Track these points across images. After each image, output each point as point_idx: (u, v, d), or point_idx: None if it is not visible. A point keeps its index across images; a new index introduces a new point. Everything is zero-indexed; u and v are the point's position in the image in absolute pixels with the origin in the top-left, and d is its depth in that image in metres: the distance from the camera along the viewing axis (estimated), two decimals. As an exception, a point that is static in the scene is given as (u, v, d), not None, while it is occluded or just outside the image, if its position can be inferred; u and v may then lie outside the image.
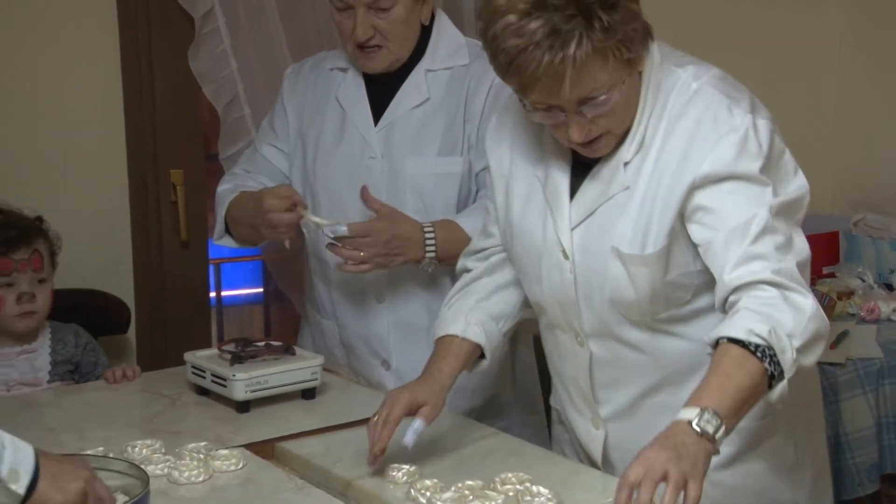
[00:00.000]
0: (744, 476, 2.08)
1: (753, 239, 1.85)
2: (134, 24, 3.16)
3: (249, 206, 2.54)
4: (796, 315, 1.80)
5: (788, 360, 1.76)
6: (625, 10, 1.82)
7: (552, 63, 1.78)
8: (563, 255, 2.04)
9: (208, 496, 1.96)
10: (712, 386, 1.74)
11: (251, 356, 2.40)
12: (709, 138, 1.90)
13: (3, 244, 2.60)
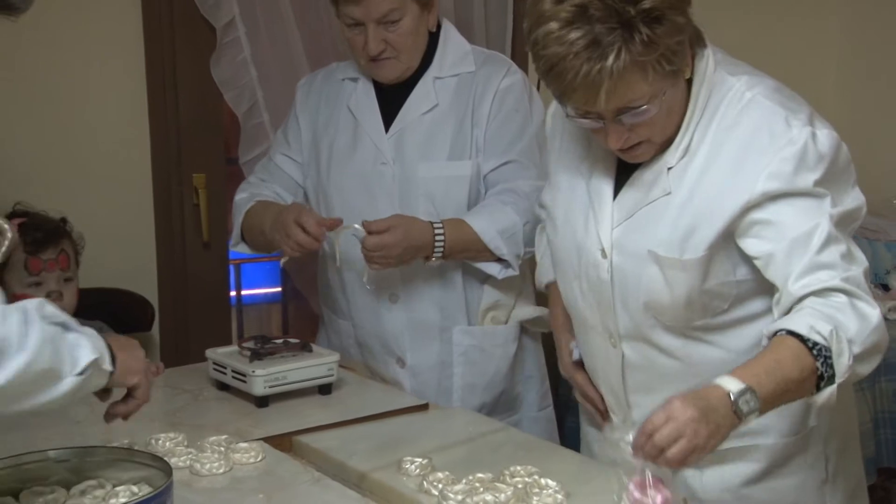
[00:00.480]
0: (773, 492, 2.02)
1: (818, 249, 1.77)
2: (159, 33, 3.17)
3: (267, 220, 2.55)
4: (861, 323, 1.73)
5: (844, 365, 1.70)
6: (669, 24, 1.74)
7: (589, 73, 1.73)
8: (601, 254, 1.98)
9: (229, 487, 1.96)
10: (761, 367, 1.68)
11: (270, 353, 2.40)
12: (766, 152, 1.82)
13: (31, 245, 2.61)
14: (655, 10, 1.72)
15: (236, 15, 3.16)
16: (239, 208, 2.68)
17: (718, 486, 2.02)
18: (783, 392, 1.68)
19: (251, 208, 2.64)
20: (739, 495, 2.00)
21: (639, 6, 1.71)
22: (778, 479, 2.01)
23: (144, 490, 1.77)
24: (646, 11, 1.71)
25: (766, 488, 2.01)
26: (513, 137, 2.59)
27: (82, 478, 1.84)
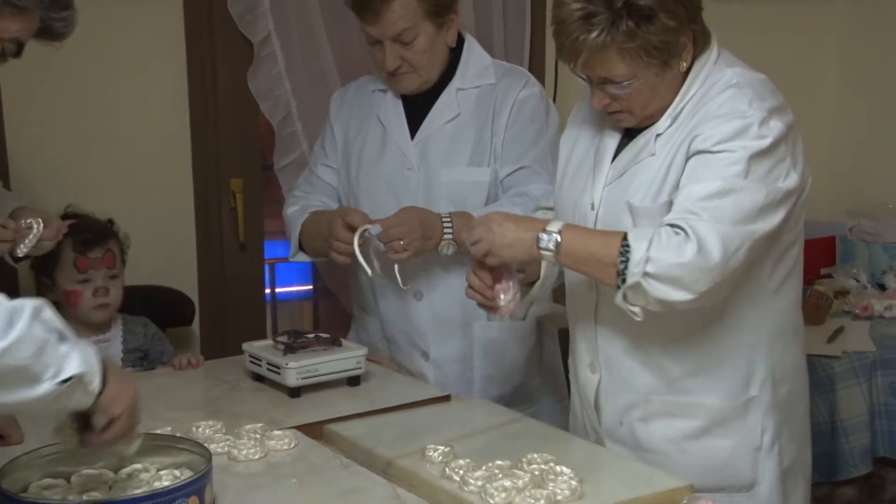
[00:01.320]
0: (709, 450, 2.12)
1: (702, 198, 1.90)
2: (200, 48, 3.18)
3: (324, 226, 2.56)
4: (669, 256, 1.86)
5: (634, 271, 1.87)
6: (658, 24, 1.91)
7: (576, 41, 1.93)
8: (590, 207, 2.12)
9: (264, 472, 1.97)
10: (584, 234, 1.98)
11: (302, 347, 2.41)
12: (721, 117, 1.96)
13: (79, 245, 2.62)
14: (646, 8, 1.90)
15: (272, 31, 3.16)
16: (294, 221, 2.68)
17: (662, 438, 2.13)
18: (584, 259, 1.95)
19: (307, 219, 2.64)
20: (680, 448, 2.12)
21: (630, 1, 1.89)
22: (715, 439, 2.12)
23: (186, 474, 1.78)
24: (635, 7, 1.89)
25: (703, 445, 2.12)
26: (528, 145, 2.59)
27: (128, 462, 1.85)
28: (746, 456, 2.13)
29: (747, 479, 2.13)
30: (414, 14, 2.46)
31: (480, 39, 2.82)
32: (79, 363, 1.53)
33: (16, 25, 1.74)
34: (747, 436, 2.12)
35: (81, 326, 2.65)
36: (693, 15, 1.97)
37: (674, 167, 2.01)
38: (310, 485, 1.90)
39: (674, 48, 1.96)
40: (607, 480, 1.91)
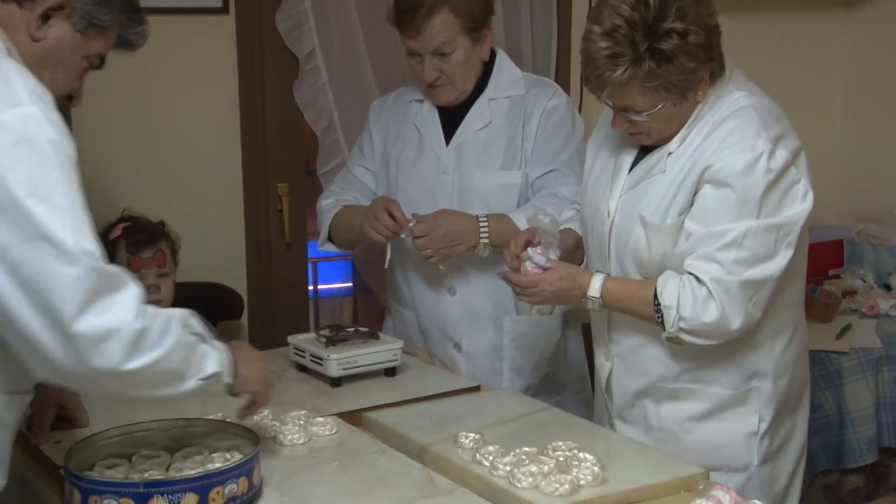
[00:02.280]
0: (710, 431, 2.16)
1: (720, 248, 1.97)
2: (250, 62, 3.18)
3: (356, 219, 2.57)
4: (696, 315, 1.98)
5: (669, 328, 2.01)
6: (677, 65, 1.93)
7: (601, 76, 1.95)
8: (606, 214, 2.14)
9: (307, 456, 1.98)
10: (622, 293, 2.08)
11: (343, 340, 2.41)
12: (730, 147, 1.97)
13: (132, 245, 2.63)
14: (668, 52, 1.91)
15: (316, 46, 3.17)
16: (326, 212, 2.70)
17: (670, 419, 2.18)
18: (627, 312, 2.09)
19: (339, 211, 2.66)
20: (684, 428, 2.17)
21: (654, 44, 1.90)
22: (716, 422, 2.16)
23: (236, 457, 1.79)
24: (657, 50, 1.90)
25: (705, 426, 2.16)
26: (556, 150, 2.59)
27: (183, 445, 1.87)
28: (743, 440, 2.16)
29: (743, 460, 2.17)
30: (452, 30, 2.47)
31: (510, 52, 2.82)
32: (216, 362, 1.68)
33: (99, 44, 1.78)
34: (745, 422, 2.16)
35: (137, 322, 2.67)
36: (711, 54, 1.98)
37: (683, 189, 2.03)
38: (350, 468, 1.91)
39: (691, 83, 1.98)
40: (627, 467, 1.91)
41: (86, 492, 1.67)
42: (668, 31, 1.90)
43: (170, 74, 3.08)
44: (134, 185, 3.05)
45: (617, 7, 1.92)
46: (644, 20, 1.90)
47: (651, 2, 1.91)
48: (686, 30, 1.91)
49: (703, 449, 2.11)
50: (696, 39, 1.92)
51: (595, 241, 2.20)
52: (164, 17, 2.99)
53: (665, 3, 1.91)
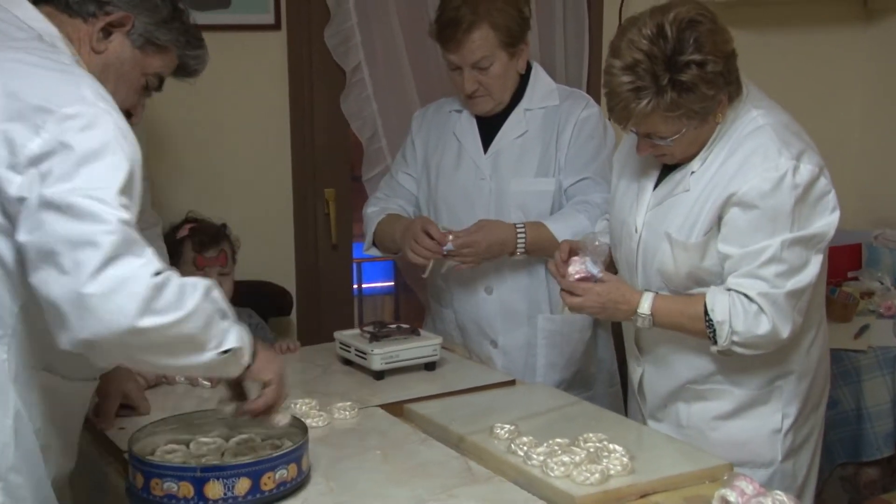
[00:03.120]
0: (735, 428, 2.14)
1: (760, 264, 1.94)
2: (300, 75, 3.20)
3: (398, 229, 2.58)
4: (750, 327, 1.96)
5: (722, 343, 1.99)
6: (698, 94, 1.90)
7: (625, 109, 1.92)
8: (634, 229, 2.12)
9: (352, 444, 1.98)
10: (671, 309, 2.04)
11: (385, 335, 2.41)
12: (754, 168, 1.94)
13: (198, 245, 2.66)
14: (688, 82, 1.88)
15: (362, 60, 3.17)
16: (371, 220, 2.70)
17: (698, 417, 2.16)
18: (678, 328, 2.05)
19: (383, 219, 2.66)
20: (710, 426, 2.16)
21: (675, 76, 1.87)
22: (741, 420, 2.14)
23: (286, 444, 1.80)
24: (678, 82, 1.88)
25: (731, 424, 2.15)
26: (588, 159, 2.58)
27: (237, 432, 1.88)
28: (767, 437, 2.14)
29: (767, 456, 2.15)
30: (491, 44, 2.47)
31: (544, 65, 2.81)
32: (236, 338, 1.59)
33: (157, 62, 1.80)
34: (769, 419, 2.14)
35: (196, 316, 2.69)
36: (729, 78, 1.96)
37: (707, 209, 2.00)
38: (392, 456, 1.91)
39: (712, 108, 1.96)
40: (655, 458, 1.90)
41: (148, 475, 1.68)
42: (687, 62, 1.88)
43: (227, 86, 3.10)
44: (195, 189, 3.08)
45: (636, 42, 1.88)
46: (663, 53, 1.88)
47: (669, 35, 1.88)
48: (704, 60, 1.88)
49: (728, 445, 2.09)
50: (715, 68, 1.89)
51: (623, 255, 2.19)
52: (222, 33, 3.04)
53: (682, 35, 1.88)
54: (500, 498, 1.70)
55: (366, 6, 3.16)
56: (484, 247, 2.48)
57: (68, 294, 1.42)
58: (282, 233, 3.26)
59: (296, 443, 1.76)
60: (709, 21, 1.91)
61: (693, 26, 1.89)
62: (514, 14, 2.50)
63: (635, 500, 1.77)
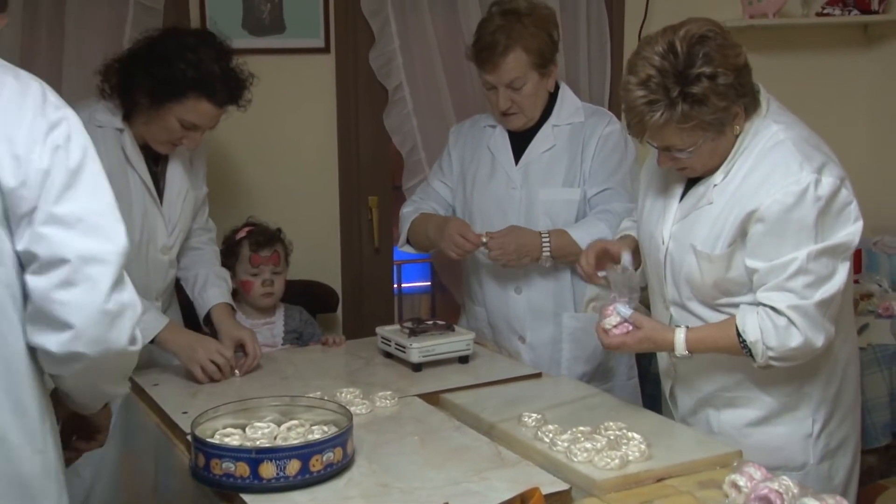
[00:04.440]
0: (767, 435, 2.04)
1: (788, 277, 1.85)
2: (346, 93, 3.21)
3: (431, 227, 2.57)
4: (783, 341, 1.87)
5: (759, 359, 1.90)
6: (710, 106, 1.82)
7: (640, 122, 1.86)
8: (661, 241, 2.04)
9: (392, 430, 1.98)
10: (706, 337, 1.95)
11: (423, 331, 2.41)
12: (777, 183, 1.85)
13: (254, 245, 2.68)
14: (699, 94, 1.80)
15: (403, 80, 3.18)
16: (406, 218, 2.70)
17: (729, 425, 2.06)
18: (711, 350, 1.96)
19: (417, 218, 2.66)
20: (743, 433, 2.05)
21: (685, 89, 1.80)
22: (772, 426, 2.04)
23: (332, 430, 1.80)
24: (689, 94, 1.80)
25: (762, 431, 2.04)
26: (611, 171, 2.56)
27: (288, 418, 1.88)
28: (799, 441, 2.04)
29: (799, 460, 2.04)
30: (524, 66, 2.46)
31: (570, 84, 2.80)
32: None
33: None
34: (800, 425, 2.04)
35: (253, 310, 2.71)
36: (742, 91, 1.86)
37: (730, 222, 1.90)
38: (428, 442, 1.91)
39: (726, 120, 1.86)
40: (670, 445, 1.88)
41: (209, 455, 1.69)
42: (697, 75, 1.79)
43: (281, 104, 3.12)
44: (253, 198, 3.10)
45: (649, 58, 1.82)
46: (674, 68, 1.80)
47: (679, 50, 1.80)
48: (714, 73, 1.80)
49: (761, 451, 1.97)
50: (726, 80, 1.81)
51: (652, 266, 2.09)
52: (277, 56, 3.07)
53: (692, 50, 1.80)
54: (527, 481, 1.68)
55: (407, 31, 3.17)
56: (513, 248, 2.47)
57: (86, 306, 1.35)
58: (329, 237, 3.27)
59: (341, 428, 1.76)
60: (719, 36, 1.84)
61: (703, 41, 1.82)
62: (545, 38, 2.49)
63: (652, 483, 1.75)
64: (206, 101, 2.22)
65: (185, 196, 2.43)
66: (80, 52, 2.78)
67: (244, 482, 1.67)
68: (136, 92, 2.23)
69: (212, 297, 2.44)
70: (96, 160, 1.42)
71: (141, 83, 2.22)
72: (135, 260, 2.35)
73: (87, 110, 2.27)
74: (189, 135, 2.27)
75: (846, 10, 3.65)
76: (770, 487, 1.60)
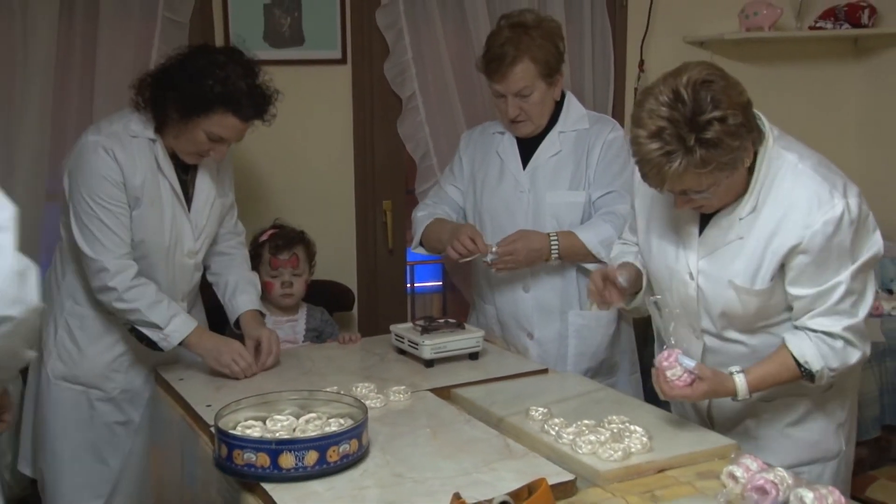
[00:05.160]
0: (807, 430, 2.03)
1: (836, 301, 1.83)
2: (362, 103, 3.20)
3: (444, 231, 2.57)
4: (842, 360, 1.86)
5: (823, 383, 1.88)
6: (724, 147, 1.73)
7: (659, 172, 1.76)
8: (689, 277, 1.96)
9: (405, 423, 1.97)
10: (766, 374, 1.87)
11: (435, 329, 2.41)
12: (815, 214, 1.80)
13: (273, 248, 2.68)
14: (714, 139, 1.72)
15: (416, 90, 3.17)
16: (420, 222, 2.69)
17: (768, 427, 2.04)
18: (771, 385, 1.89)
19: (431, 223, 2.65)
20: (783, 433, 2.03)
21: (700, 135, 1.71)
22: (812, 421, 2.03)
23: (348, 422, 1.79)
24: (704, 140, 1.72)
25: (801, 428, 2.03)
26: (614, 175, 2.55)
27: (307, 411, 1.88)
28: (833, 432, 2.05)
29: (834, 449, 2.05)
30: (532, 76, 2.45)
31: (575, 93, 2.79)
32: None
33: None
34: (833, 416, 2.04)
35: (276, 309, 2.71)
36: (750, 126, 1.77)
37: (768, 257, 1.85)
38: (440, 434, 1.90)
39: (740, 157, 1.78)
40: (671, 438, 1.87)
41: (231, 446, 1.69)
42: (709, 120, 1.70)
43: (301, 113, 3.12)
44: (276, 201, 3.10)
45: (656, 110, 1.72)
46: (684, 116, 1.71)
47: (686, 97, 1.71)
48: (724, 115, 1.71)
49: (802, 447, 2.00)
50: (735, 120, 1.72)
51: (679, 299, 1.99)
52: (297, 67, 3.07)
53: (699, 96, 1.71)
54: (534, 471, 1.68)
55: (420, 43, 3.16)
56: (523, 254, 2.46)
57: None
58: (345, 239, 3.27)
59: (357, 421, 1.76)
60: (720, 78, 1.75)
61: (707, 86, 1.72)
62: (552, 49, 2.48)
63: (653, 474, 1.75)
64: (231, 116, 2.22)
65: (213, 203, 2.44)
66: (111, 65, 2.79)
67: (265, 472, 1.67)
68: (167, 106, 2.23)
69: (241, 305, 2.45)
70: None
71: (171, 98, 2.22)
72: (163, 262, 2.36)
73: (122, 120, 2.30)
74: (216, 147, 2.27)
75: (837, 24, 3.65)
76: (766, 478, 1.59)
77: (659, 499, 1.66)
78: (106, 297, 2.28)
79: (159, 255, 2.34)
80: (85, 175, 2.25)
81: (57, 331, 2.42)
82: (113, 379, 2.43)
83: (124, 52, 2.78)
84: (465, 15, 3.17)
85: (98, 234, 2.25)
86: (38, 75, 2.71)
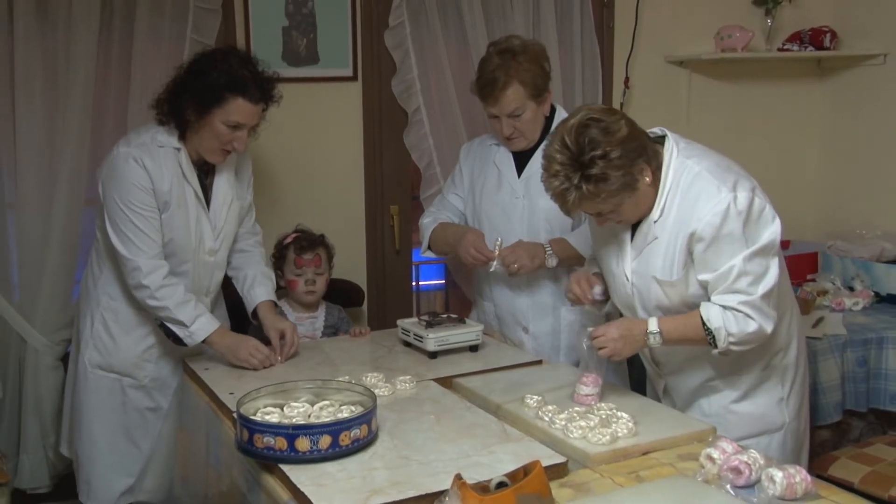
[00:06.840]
0: (751, 405, 2.08)
1: (732, 280, 1.88)
2: (372, 116, 3.18)
3: (451, 235, 2.55)
4: (741, 328, 1.90)
5: (721, 345, 1.91)
6: (612, 178, 1.81)
7: (564, 205, 1.88)
8: (625, 278, 2.04)
9: (411, 410, 1.96)
10: (676, 325, 1.94)
11: (438, 323, 2.39)
12: (704, 208, 1.87)
13: (298, 249, 2.68)
14: (598, 174, 1.80)
15: (421, 104, 3.16)
16: (427, 227, 2.67)
17: (718, 405, 2.08)
18: (681, 341, 1.95)
19: (436, 227, 2.63)
20: (730, 410, 2.08)
21: (585, 172, 1.80)
22: (753, 399, 2.08)
23: (359, 409, 1.78)
24: (590, 176, 1.80)
25: (745, 404, 2.08)
26: None
27: (321, 399, 1.86)
28: (775, 406, 2.09)
29: (778, 422, 2.09)
30: (521, 97, 2.42)
31: (566, 107, 2.77)
32: None
33: None
34: (773, 392, 2.08)
35: (298, 305, 2.70)
36: (637, 153, 1.85)
37: (678, 251, 1.92)
38: (443, 420, 1.89)
39: (632, 179, 1.85)
40: (654, 423, 1.86)
41: (252, 431, 1.68)
42: (590, 159, 1.79)
43: (316, 126, 3.11)
44: (292, 207, 3.08)
45: (552, 155, 1.83)
46: (570, 159, 1.81)
47: (569, 143, 1.81)
48: (605, 152, 1.79)
49: (748, 421, 2.05)
50: (616, 153, 1.80)
51: (621, 299, 2.09)
52: (312, 84, 3.05)
53: (579, 139, 1.80)
54: (529, 454, 1.66)
55: (425, 61, 3.15)
56: (527, 258, 2.44)
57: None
58: (356, 241, 3.25)
59: (367, 408, 1.74)
60: (598, 121, 1.82)
61: (585, 129, 1.80)
62: (539, 71, 2.45)
63: (638, 456, 1.74)
64: (242, 100, 2.21)
65: (231, 205, 2.42)
66: (144, 82, 2.78)
67: (282, 454, 1.65)
68: (184, 110, 2.23)
69: (258, 296, 2.45)
70: None
71: (185, 100, 2.22)
72: (189, 261, 2.34)
73: (149, 133, 2.30)
74: (236, 135, 2.25)
75: (803, 47, 3.67)
76: (740, 459, 1.61)
77: (643, 479, 1.65)
78: (140, 294, 2.27)
79: (186, 253, 2.34)
80: (117, 183, 2.24)
81: (94, 324, 2.40)
82: (144, 368, 2.42)
83: (156, 69, 2.78)
84: (465, 36, 3.16)
85: (132, 236, 2.24)
86: (79, 91, 2.72)
